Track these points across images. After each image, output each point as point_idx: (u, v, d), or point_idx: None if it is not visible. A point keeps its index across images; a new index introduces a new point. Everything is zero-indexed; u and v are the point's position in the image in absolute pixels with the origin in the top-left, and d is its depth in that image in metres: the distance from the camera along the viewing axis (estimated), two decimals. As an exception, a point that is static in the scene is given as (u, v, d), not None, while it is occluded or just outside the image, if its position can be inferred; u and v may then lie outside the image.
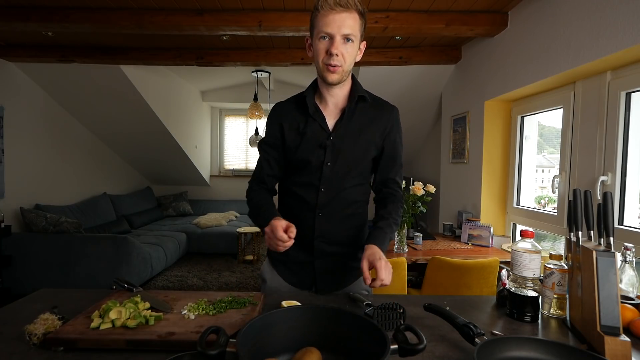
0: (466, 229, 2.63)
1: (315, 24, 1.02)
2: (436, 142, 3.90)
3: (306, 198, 1.11)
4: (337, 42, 0.99)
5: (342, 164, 1.09)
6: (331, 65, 1.00)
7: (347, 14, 0.98)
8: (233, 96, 5.67)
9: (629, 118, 1.73)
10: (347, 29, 0.98)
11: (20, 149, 3.47)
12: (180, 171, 5.63)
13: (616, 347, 0.76)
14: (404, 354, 0.65)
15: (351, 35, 0.99)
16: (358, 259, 1.16)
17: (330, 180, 1.10)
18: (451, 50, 3.12)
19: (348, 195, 1.12)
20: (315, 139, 1.09)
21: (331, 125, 1.10)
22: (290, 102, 1.15)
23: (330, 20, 0.98)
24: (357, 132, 1.10)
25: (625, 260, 1.02)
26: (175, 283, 3.79)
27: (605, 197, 0.89)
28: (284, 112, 1.14)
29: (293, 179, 1.15)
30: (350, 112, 1.10)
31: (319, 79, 1.08)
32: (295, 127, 1.11)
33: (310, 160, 1.09)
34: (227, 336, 0.64)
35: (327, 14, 0.98)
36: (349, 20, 0.98)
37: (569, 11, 1.87)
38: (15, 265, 3.17)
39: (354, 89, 1.11)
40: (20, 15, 2.39)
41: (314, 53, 1.05)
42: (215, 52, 3.21)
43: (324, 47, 1.00)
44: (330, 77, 1.03)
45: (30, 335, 0.78)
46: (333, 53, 0.99)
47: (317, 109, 1.10)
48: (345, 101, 1.11)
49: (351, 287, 1.19)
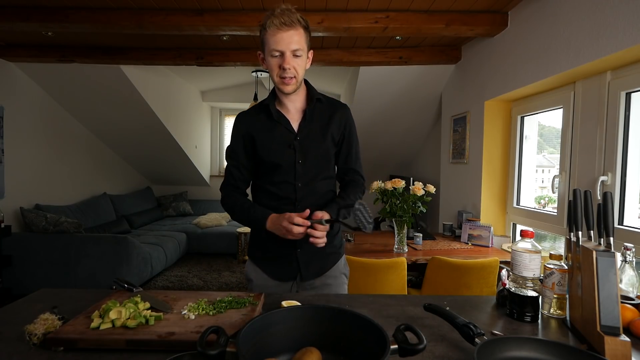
0: (466, 229, 2.63)
1: (265, 41, 1.12)
2: (436, 142, 3.90)
3: (285, 194, 1.21)
4: (287, 57, 1.09)
5: (311, 160, 1.21)
6: (285, 78, 1.12)
7: (293, 31, 1.08)
8: (233, 96, 5.67)
9: (629, 118, 1.73)
10: (294, 45, 1.09)
11: (20, 149, 3.47)
12: (180, 171, 5.63)
13: (616, 347, 0.76)
14: (404, 354, 0.65)
15: (299, 50, 1.10)
16: (334, 245, 1.29)
17: (303, 176, 1.20)
18: (451, 50, 3.12)
19: (320, 187, 1.24)
20: (284, 141, 1.20)
21: (295, 127, 1.21)
22: (254, 112, 1.25)
23: (279, 38, 1.08)
24: (319, 130, 1.22)
25: (625, 260, 1.02)
26: (175, 283, 3.79)
27: (605, 197, 0.89)
28: (249, 122, 1.23)
29: (268, 179, 1.23)
30: (310, 113, 1.22)
31: (277, 89, 1.18)
32: (263, 133, 1.21)
33: (283, 161, 1.19)
34: (227, 336, 0.64)
35: (275, 32, 1.08)
36: (296, 37, 1.09)
37: (569, 11, 1.87)
38: (15, 265, 3.17)
39: (310, 93, 1.23)
40: (20, 15, 2.39)
41: (268, 68, 1.15)
42: (215, 52, 3.21)
43: (277, 63, 1.11)
44: (286, 88, 1.14)
45: (30, 335, 0.78)
46: (286, 68, 1.10)
47: (280, 114, 1.21)
48: (304, 104, 1.23)
49: (330, 271, 1.28)
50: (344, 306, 0.98)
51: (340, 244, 1.35)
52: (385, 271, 2.00)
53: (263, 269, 1.27)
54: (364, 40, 2.98)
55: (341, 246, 1.35)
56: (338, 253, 1.32)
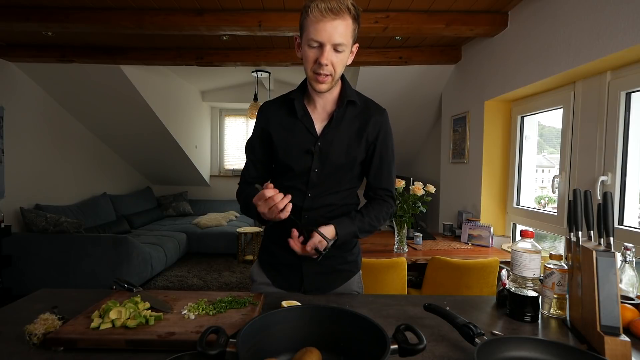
0: (466, 229, 2.63)
1: (304, 26, 0.95)
2: (436, 142, 3.90)
3: (292, 202, 1.06)
4: (326, 51, 0.93)
5: (330, 170, 1.06)
6: (320, 75, 0.96)
7: (340, 20, 0.91)
8: (233, 96, 5.67)
9: (629, 118, 1.73)
10: (338, 38, 0.92)
11: (20, 149, 3.47)
12: (180, 171, 5.63)
13: (616, 347, 0.76)
14: (404, 354, 0.65)
15: (342, 45, 0.93)
16: (347, 262, 1.16)
17: (318, 186, 1.07)
18: (451, 50, 3.12)
19: (336, 199, 1.10)
20: (302, 144, 1.06)
21: (319, 129, 1.06)
22: (279, 103, 1.11)
23: (320, 28, 0.91)
24: (346, 137, 1.06)
25: (625, 260, 1.02)
26: (175, 283, 3.79)
27: (605, 197, 0.89)
28: (270, 114, 1.11)
29: (278, 181, 1.11)
30: (339, 117, 1.06)
31: (308, 84, 1.04)
32: (282, 129, 1.08)
33: (296, 165, 1.06)
34: (227, 336, 0.64)
35: (317, 19, 0.90)
36: (340, 28, 0.91)
37: (569, 11, 1.87)
38: (15, 265, 3.17)
39: (343, 92, 1.07)
40: (20, 15, 2.39)
41: (303, 58, 0.99)
42: (215, 52, 3.21)
43: (314, 56, 0.95)
44: (319, 86, 0.99)
45: (30, 335, 0.78)
46: (323, 63, 0.94)
47: (305, 112, 1.07)
48: (334, 104, 1.07)
49: (340, 289, 1.17)
50: (344, 306, 0.98)
51: (356, 259, 1.20)
52: (385, 271, 2.00)
53: (267, 274, 1.19)
54: (364, 40, 2.98)
55: (356, 262, 1.21)
56: (351, 271, 1.18)
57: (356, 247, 1.21)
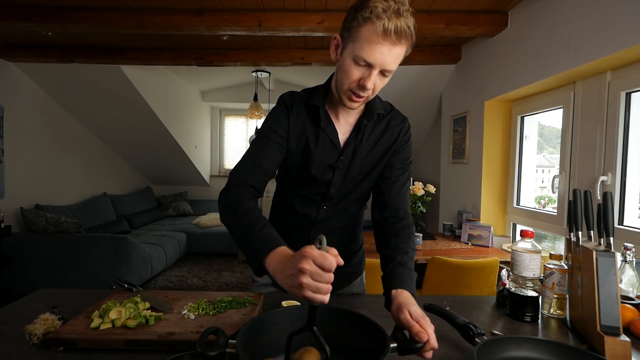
0: (466, 229, 2.63)
1: (356, 35, 0.80)
2: (436, 142, 3.90)
3: (306, 213, 1.04)
4: (373, 75, 0.82)
5: (348, 183, 1.01)
6: (358, 96, 0.86)
7: (400, 48, 0.79)
8: (233, 96, 5.67)
9: (629, 118, 1.73)
10: (391, 65, 0.81)
11: (21, 149, 3.47)
12: (180, 171, 5.63)
13: (616, 347, 0.76)
14: (403, 352, 0.65)
15: (392, 71, 0.83)
16: (351, 264, 1.16)
17: (334, 198, 1.03)
18: (451, 50, 3.12)
19: (347, 210, 1.07)
20: (326, 158, 0.98)
21: (342, 140, 0.98)
22: (302, 103, 0.99)
23: (376, 49, 0.78)
24: (368, 149, 1.00)
25: (625, 260, 1.02)
26: (175, 283, 3.79)
27: (605, 197, 0.89)
28: (294, 110, 0.98)
29: (294, 190, 1.03)
30: (364, 129, 0.98)
31: (337, 96, 0.91)
32: (303, 137, 0.97)
33: (317, 179, 0.99)
34: (227, 337, 0.64)
35: (376, 38, 0.77)
36: (397, 55, 0.80)
37: (569, 11, 1.87)
38: (15, 265, 3.17)
39: (370, 103, 0.98)
40: (20, 15, 2.39)
41: (341, 67, 0.86)
42: (215, 52, 3.21)
43: (358, 75, 0.83)
44: (351, 105, 0.90)
45: (30, 335, 0.78)
46: (367, 87, 0.83)
47: (329, 121, 0.97)
48: (357, 114, 0.99)
49: (341, 291, 1.17)
50: (344, 306, 0.97)
51: (360, 262, 1.18)
52: (385, 271, 2.00)
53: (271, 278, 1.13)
54: (364, 40, 2.97)
55: (360, 264, 1.19)
56: (354, 273, 1.18)
57: (361, 250, 1.20)
